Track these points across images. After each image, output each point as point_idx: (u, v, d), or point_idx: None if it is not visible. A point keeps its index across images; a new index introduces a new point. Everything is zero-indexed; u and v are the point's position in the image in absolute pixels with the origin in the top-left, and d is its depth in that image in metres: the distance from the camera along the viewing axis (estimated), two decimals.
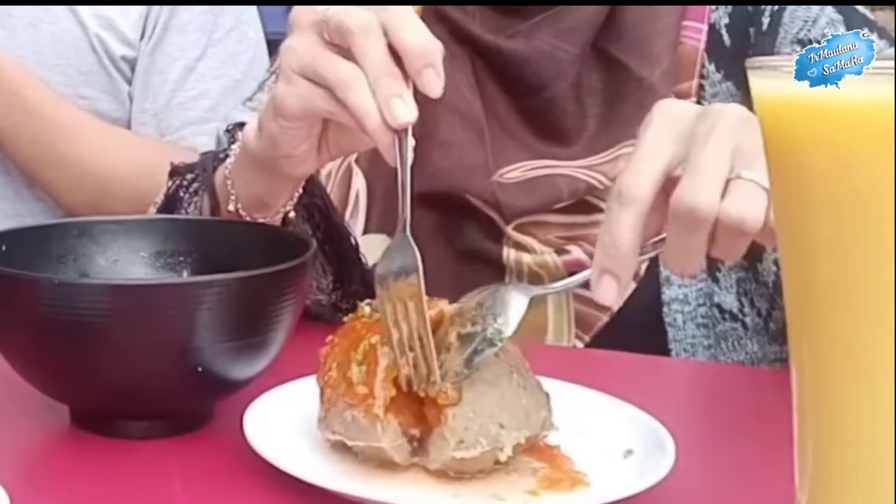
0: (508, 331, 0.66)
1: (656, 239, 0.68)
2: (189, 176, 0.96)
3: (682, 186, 0.64)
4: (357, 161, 1.05)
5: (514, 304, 0.68)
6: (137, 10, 1.36)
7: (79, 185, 1.32)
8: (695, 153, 0.65)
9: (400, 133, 0.71)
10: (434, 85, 0.71)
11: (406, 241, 0.68)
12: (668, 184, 0.66)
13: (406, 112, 0.70)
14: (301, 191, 0.91)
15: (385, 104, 0.70)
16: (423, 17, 1.05)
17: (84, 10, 1.34)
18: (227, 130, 1.02)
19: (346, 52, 0.73)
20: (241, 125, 1.01)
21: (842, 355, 0.48)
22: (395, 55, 0.72)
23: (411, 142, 0.71)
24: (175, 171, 0.98)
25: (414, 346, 0.65)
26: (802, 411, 0.51)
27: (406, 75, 0.71)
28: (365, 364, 0.67)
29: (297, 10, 0.77)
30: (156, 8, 1.37)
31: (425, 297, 0.66)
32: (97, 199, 1.31)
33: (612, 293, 0.65)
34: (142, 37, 1.37)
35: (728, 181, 0.64)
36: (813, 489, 0.51)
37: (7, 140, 1.32)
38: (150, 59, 1.37)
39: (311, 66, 0.74)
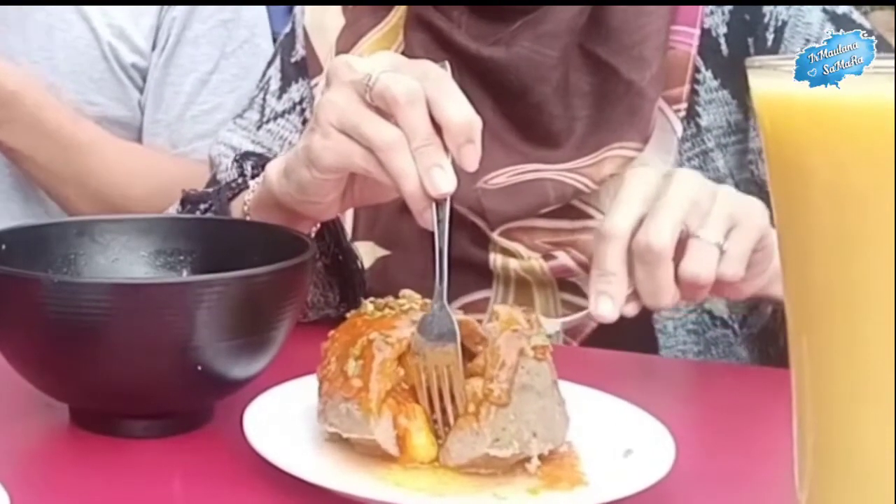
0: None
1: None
2: (203, 206, 0.96)
3: (641, 229, 0.79)
4: None
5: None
6: (149, 21, 1.36)
7: (96, 202, 1.32)
8: (655, 205, 0.79)
9: (438, 201, 0.73)
10: (473, 160, 0.74)
11: (444, 310, 0.69)
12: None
13: (446, 182, 0.72)
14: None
15: (426, 173, 0.72)
16: (408, 24, 1.05)
17: (96, 19, 1.35)
18: (236, 160, 1.02)
19: (386, 114, 0.74)
20: (251, 155, 1.02)
21: (841, 354, 0.48)
22: (436, 125, 0.73)
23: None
24: (187, 200, 0.98)
25: (446, 408, 0.67)
26: (802, 410, 0.51)
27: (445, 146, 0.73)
28: (362, 359, 0.68)
29: (336, 65, 0.77)
30: (168, 19, 1.36)
31: (461, 365, 0.68)
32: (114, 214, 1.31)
33: (608, 307, 0.79)
34: (153, 48, 1.37)
35: (687, 239, 0.78)
36: (813, 488, 0.51)
37: (25, 159, 1.31)
38: (163, 71, 1.37)
39: (354, 124, 0.75)
